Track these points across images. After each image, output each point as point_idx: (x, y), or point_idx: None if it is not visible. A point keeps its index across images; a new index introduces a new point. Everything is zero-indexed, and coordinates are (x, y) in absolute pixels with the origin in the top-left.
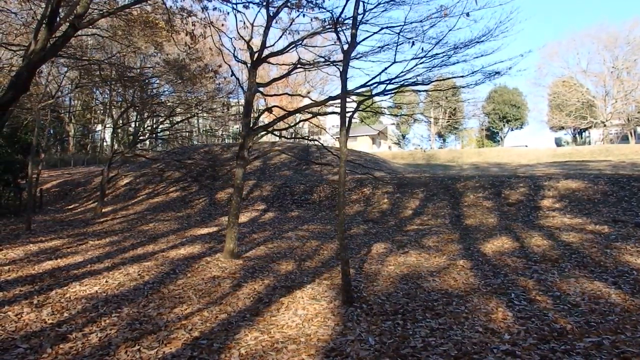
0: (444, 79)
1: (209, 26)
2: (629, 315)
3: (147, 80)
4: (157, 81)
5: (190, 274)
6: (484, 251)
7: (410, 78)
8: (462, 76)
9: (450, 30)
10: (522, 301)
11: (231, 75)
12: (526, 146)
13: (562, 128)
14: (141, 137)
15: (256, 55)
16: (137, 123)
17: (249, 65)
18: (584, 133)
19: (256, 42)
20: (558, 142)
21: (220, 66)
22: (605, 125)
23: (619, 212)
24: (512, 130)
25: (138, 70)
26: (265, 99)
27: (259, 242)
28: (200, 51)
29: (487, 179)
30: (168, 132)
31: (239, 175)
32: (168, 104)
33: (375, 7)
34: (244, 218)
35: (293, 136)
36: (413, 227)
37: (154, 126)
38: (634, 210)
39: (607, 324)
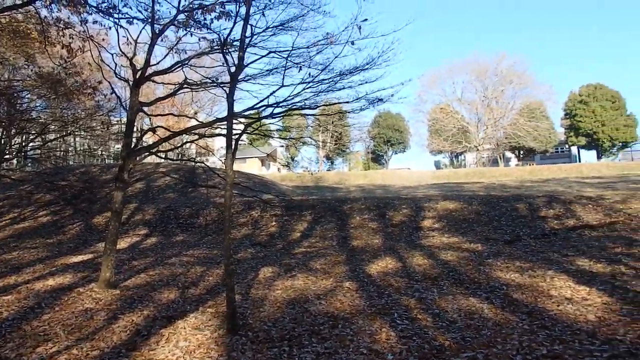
0: (330, 104)
1: (89, 40)
2: (500, 329)
3: (15, 94)
4: (28, 95)
5: (58, 308)
6: (370, 272)
7: (298, 102)
8: (347, 102)
9: (336, 57)
10: (404, 320)
11: (111, 93)
12: (409, 169)
13: (440, 152)
14: (7, 157)
15: (139, 73)
16: (2, 140)
17: (131, 83)
18: (460, 156)
19: (140, 60)
20: (437, 165)
21: (100, 82)
22: (478, 150)
23: (491, 231)
24: (395, 153)
25: (5, 83)
26: (150, 119)
27: (139, 270)
28: (78, 65)
29: (372, 201)
30: (40, 151)
31: (117, 199)
32: (40, 121)
33: (263, 31)
34: (123, 244)
35: (179, 158)
36: (301, 250)
37: (23, 144)
38: (503, 229)
39: (481, 338)
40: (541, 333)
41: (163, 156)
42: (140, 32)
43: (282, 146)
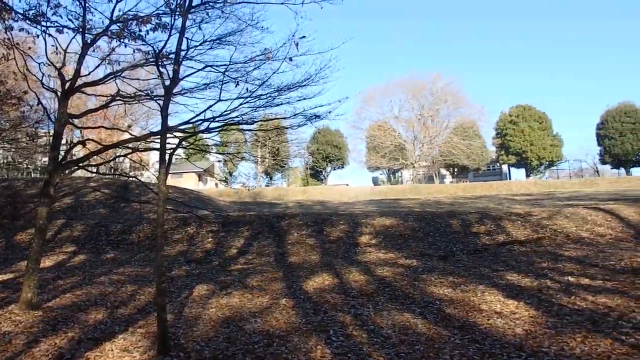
0: (268, 119)
1: (14, 48)
2: (433, 344)
3: None
4: None
5: None
6: (306, 289)
7: (235, 117)
8: (284, 117)
9: (274, 72)
10: (340, 337)
11: (38, 104)
12: (347, 185)
13: (378, 168)
14: None
15: (68, 83)
16: None
17: (59, 93)
18: (397, 173)
19: (69, 70)
20: (375, 181)
21: (26, 92)
22: (414, 167)
23: (426, 247)
24: (334, 169)
25: None
26: (81, 131)
27: (65, 289)
28: (2, 74)
29: (310, 217)
30: None
31: (42, 215)
32: None
33: (200, 44)
34: (49, 262)
35: (111, 172)
36: (237, 267)
37: None
38: (438, 245)
39: (414, 353)
40: (472, 347)
41: (94, 170)
42: (71, 41)
43: (220, 161)
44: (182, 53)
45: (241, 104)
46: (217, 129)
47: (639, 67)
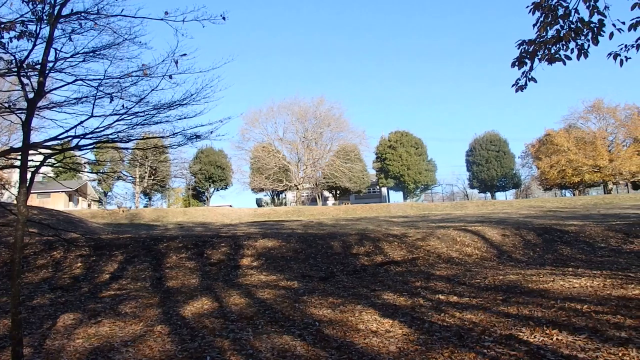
0: (146, 138)
1: None
2: None
3: None
4: None
5: None
6: (184, 314)
7: (110, 134)
8: (163, 136)
9: (152, 90)
10: None
11: None
12: (230, 206)
13: (262, 189)
14: None
15: None
16: None
17: None
18: (281, 194)
19: None
20: (259, 203)
21: None
22: (298, 188)
23: (307, 268)
24: (217, 190)
25: None
26: None
27: None
28: None
29: (190, 239)
30: None
31: None
32: None
33: (71, 56)
34: None
35: None
36: (109, 293)
37: None
38: (319, 266)
39: None
40: None
41: None
42: None
43: (94, 180)
44: (49, 64)
45: (116, 121)
46: (89, 147)
47: (502, 101)
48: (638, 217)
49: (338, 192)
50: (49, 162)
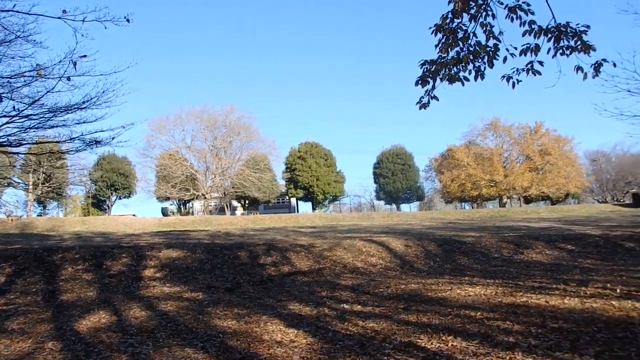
0: (40, 142)
1: None
2: None
3: None
4: None
5: None
6: (79, 329)
7: None
8: (59, 141)
9: (48, 91)
10: None
11: None
12: (134, 215)
13: (168, 198)
14: None
15: None
16: None
17: None
18: (187, 204)
19: None
20: (164, 212)
21: None
22: (205, 198)
23: (213, 279)
24: (120, 198)
25: None
26: None
27: None
28: None
29: (88, 250)
30: None
31: None
32: None
33: None
34: None
35: None
36: None
37: None
38: (225, 277)
39: None
40: None
41: None
42: None
43: None
44: None
45: (6, 124)
46: None
47: (409, 117)
48: (528, 230)
49: (247, 202)
50: None
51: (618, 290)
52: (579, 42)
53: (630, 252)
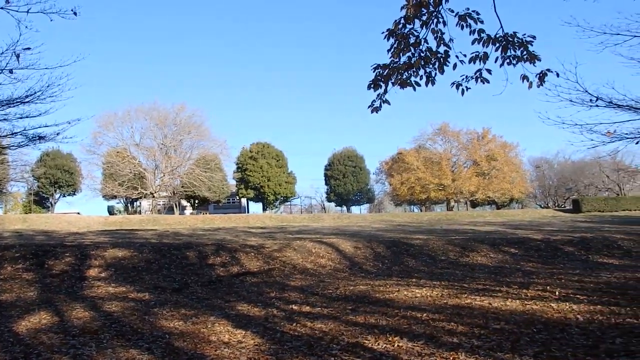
0: None
1: None
2: None
3: None
4: None
5: None
6: (18, 330)
7: None
8: (1, 136)
9: None
10: None
11: None
12: (79, 213)
13: (115, 197)
14: None
15: None
16: None
17: None
18: (135, 202)
19: None
20: (111, 210)
21: None
22: (154, 196)
23: (160, 279)
24: (64, 196)
25: None
26: None
27: None
28: None
29: (29, 248)
30: None
31: None
32: None
33: None
34: None
35: None
36: None
37: None
38: (172, 277)
39: None
40: None
41: None
42: None
43: None
44: None
45: None
46: None
47: (360, 120)
48: (473, 233)
49: (197, 201)
50: None
51: (557, 293)
52: (525, 52)
53: (569, 256)
